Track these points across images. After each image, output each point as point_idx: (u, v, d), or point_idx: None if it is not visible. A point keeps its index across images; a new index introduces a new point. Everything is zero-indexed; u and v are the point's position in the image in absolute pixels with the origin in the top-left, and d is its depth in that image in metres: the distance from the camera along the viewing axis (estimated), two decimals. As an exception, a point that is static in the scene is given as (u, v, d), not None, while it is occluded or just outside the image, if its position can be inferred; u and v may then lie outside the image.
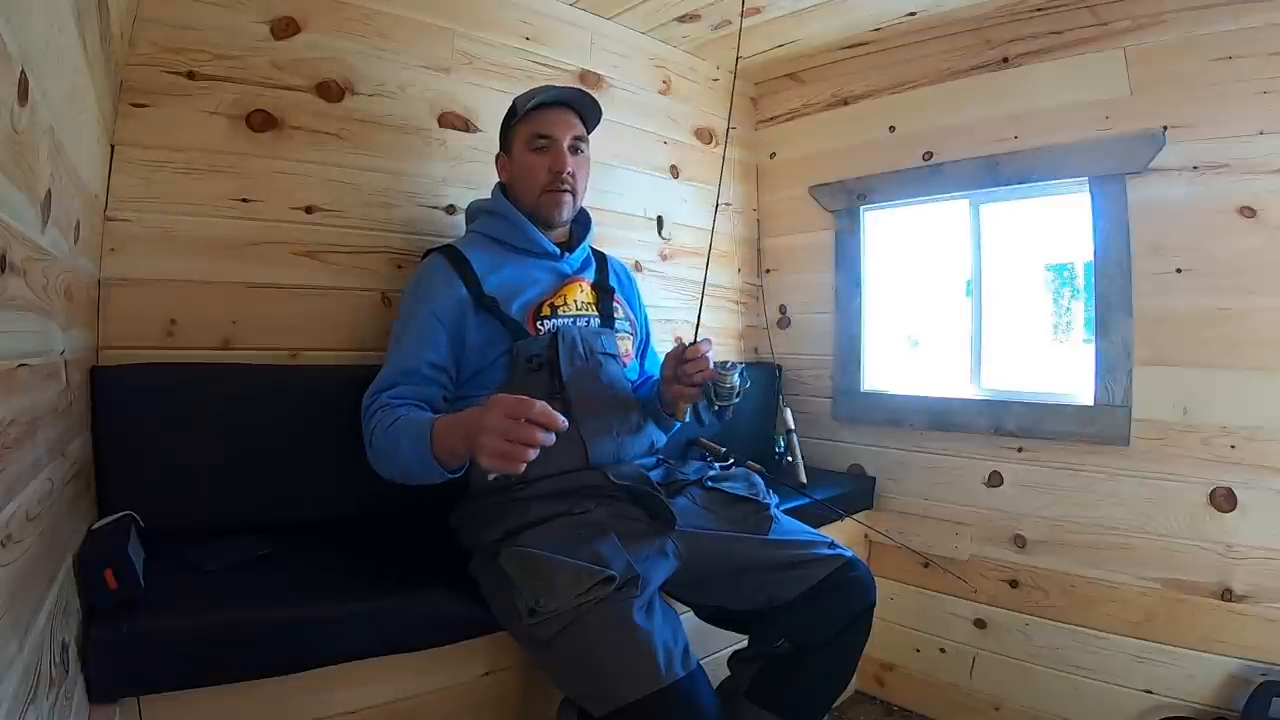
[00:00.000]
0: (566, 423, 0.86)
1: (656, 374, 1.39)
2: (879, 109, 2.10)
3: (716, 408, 1.17)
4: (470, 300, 1.19)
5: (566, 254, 1.32)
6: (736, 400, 1.16)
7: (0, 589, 0.55)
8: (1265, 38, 1.46)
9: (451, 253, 1.24)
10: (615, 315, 1.33)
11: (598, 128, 1.36)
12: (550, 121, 1.26)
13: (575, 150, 1.28)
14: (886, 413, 2.07)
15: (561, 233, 1.34)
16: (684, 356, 1.15)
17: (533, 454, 0.85)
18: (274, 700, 0.96)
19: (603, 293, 1.34)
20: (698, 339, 1.17)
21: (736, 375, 1.15)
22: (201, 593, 0.98)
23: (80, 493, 1.00)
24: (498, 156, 1.37)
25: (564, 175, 1.26)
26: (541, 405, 0.85)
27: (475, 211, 1.39)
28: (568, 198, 1.28)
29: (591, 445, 1.18)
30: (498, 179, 1.38)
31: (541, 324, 1.21)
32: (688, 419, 1.22)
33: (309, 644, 0.96)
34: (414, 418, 1.05)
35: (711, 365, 1.14)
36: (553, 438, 0.86)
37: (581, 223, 1.38)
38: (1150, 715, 1.56)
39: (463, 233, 1.40)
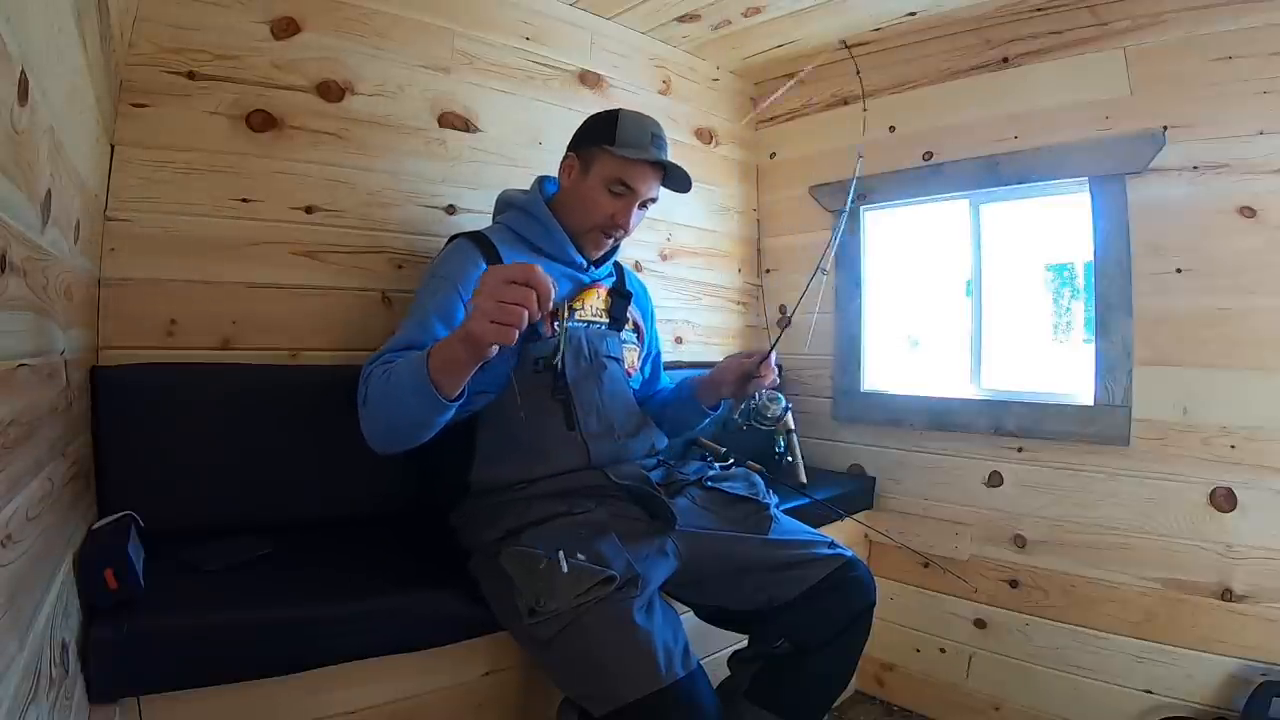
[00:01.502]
0: (553, 291, 0.85)
1: (666, 388, 1.45)
2: (879, 109, 2.10)
3: (748, 425, 1.27)
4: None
5: (592, 267, 1.30)
6: (770, 428, 1.27)
7: (0, 589, 0.55)
8: (1265, 38, 1.46)
9: (481, 240, 1.21)
10: (625, 324, 1.33)
11: None
12: (641, 177, 1.21)
13: (643, 205, 1.25)
14: (886, 413, 2.07)
15: None
16: (755, 373, 1.24)
17: (525, 319, 0.83)
18: (274, 700, 0.96)
19: (617, 298, 1.33)
20: (773, 359, 1.25)
21: (780, 407, 1.26)
22: (201, 593, 0.98)
23: (80, 493, 1.00)
24: (567, 155, 1.28)
25: (620, 229, 1.24)
26: (534, 268, 0.83)
27: (506, 204, 1.34)
28: (610, 243, 1.27)
29: (592, 446, 1.18)
30: (543, 176, 1.33)
31: (557, 324, 1.21)
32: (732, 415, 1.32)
33: (309, 644, 0.96)
34: (409, 355, 1.00)
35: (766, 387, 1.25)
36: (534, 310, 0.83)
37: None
38: (1150, 715, 1.56)
39: (462, 231, 1.38)
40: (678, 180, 1.26)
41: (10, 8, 0.56)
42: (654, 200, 1.26)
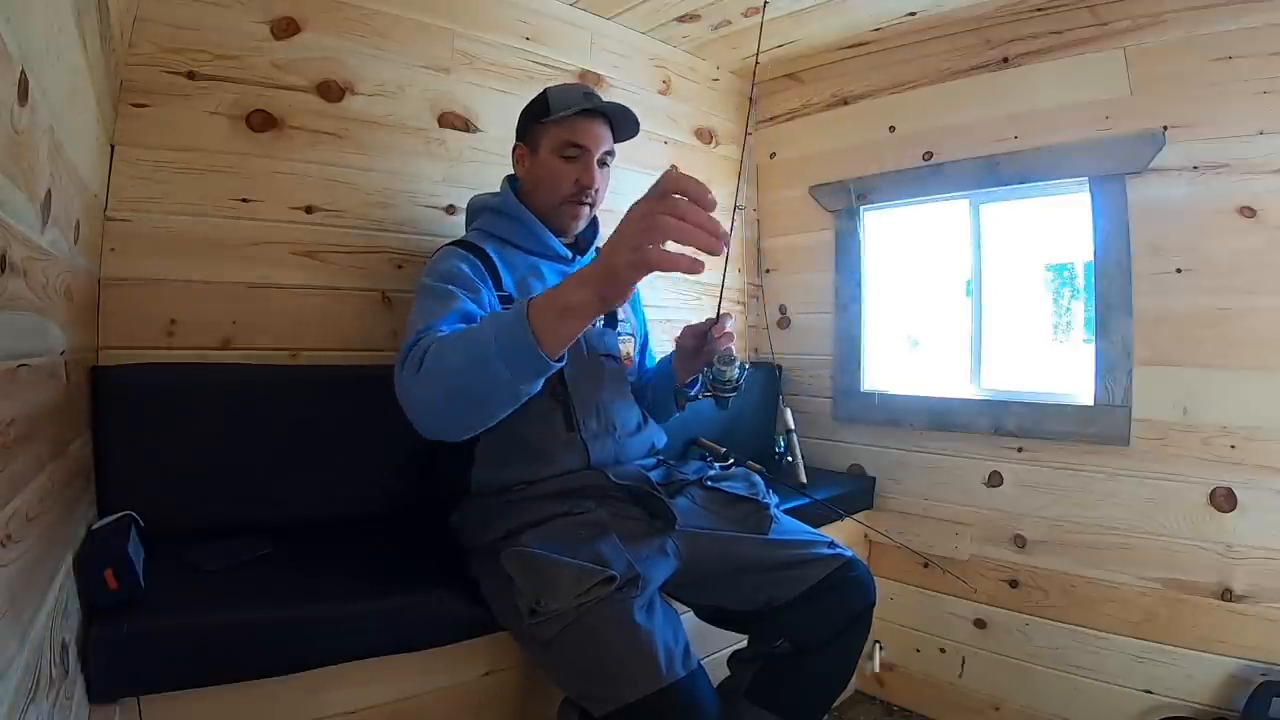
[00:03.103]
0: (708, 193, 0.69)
1: (650, 367, 1.41)
2: (879, 109, 2.10)
3: (712, 395, 1.15)
4: (493, 295, 1.15)
5: (577, 256, 1.30)
6: (731, 395, 1.14)
7: (0, 589, 0.55)
8: (1265, 38, 1.46)
9: (472, 247, 1.19)
10: (619, 317, 1.32)
11: None
12: (586, 131, 1.20)
13: (602, 164, 1.24)
14: (886, 413, 2.07)
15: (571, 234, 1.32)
16: (710, 334, 1.14)
17: (681, 234, 0.68)
18: (274, 700, 0.96)
19: None
20: (720, 314, 1.14)
21: (736, 369, 1.13)
22: (201, 593, 0.98)
23: (80, 493, 1.00)
24: (515, 147, 1.29)
25: (589, 190, 1.23)
26: (670, 176, 0.69)
27: (478, 209, 1.33)
28: (585, 210, 1.26)
29: (592, 446, 1.18)
30: (511, 171, 1.32)
31: None
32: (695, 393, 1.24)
33: (309, 644, 0.96)
34: (491, 315, 0.90)
35: (721, 350, 1.13)
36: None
37: (591, 225, 1.36)
38: (1150, 715, 1.56)
39: (462, 231, 1.37)
40: (625, 125, 1.24)
41: (10, 8, 0.56)
42: (611, 154, 1.25)
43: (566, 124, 1.20)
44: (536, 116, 1.23)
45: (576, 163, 1.21)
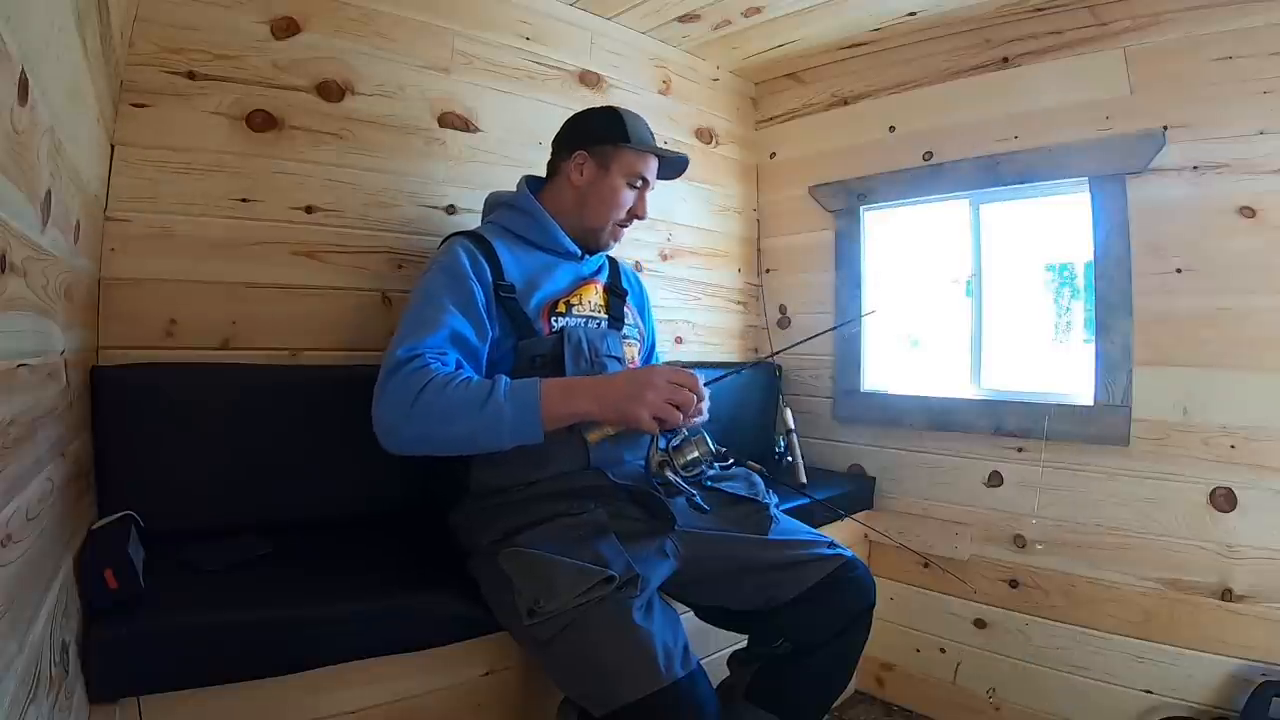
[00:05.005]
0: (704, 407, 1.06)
1: None
2: (879, 109, 2.10)
3: (664, 470, 1.12)
4: (493, 290, 1.17)
5: (586, 256, 1.32)
6: (684, 477, 1.12)
7: (0, 589, 0.55)
8: (1265, 38, 1.46)
9: (477, 239, 1.21)
10: (625, 319, 1.33)
11: None
12: (650, 166, 1.30)
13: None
14: (886, 413, 2.07)
15: None
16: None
17: (681, 419, 1.03)
18: (274, 700, 0.96)
19: (613, 296, 1.34)
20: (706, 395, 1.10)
21: (697, 451, 1.11)
22: (201, 593, 0.98)
23: (80, 493, 1.00)
24: (576, 153, 1.27)
25: (637, 220, 1.32)
26: (697, 380, 1.05)
27: (495, 204, 1.36)
28: (624, 233, 1.34)
29: (593, 447, 1.18)
30: (523, 172, 1.34)
31: (555, 320, 1.21)
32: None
33: (309, 644, 0.96)
34: (498, 378, 1.02)
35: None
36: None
37: None
38: (1150, 715, 1.56)
39: (457, 231, 1.37)
40: (672, 167, 1.34)
41: (10, 8, 0.56)
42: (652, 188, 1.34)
43: (641, 155, 1.28)
44: (615, 138, 1.26)
45: (637, 192, 1.30)
